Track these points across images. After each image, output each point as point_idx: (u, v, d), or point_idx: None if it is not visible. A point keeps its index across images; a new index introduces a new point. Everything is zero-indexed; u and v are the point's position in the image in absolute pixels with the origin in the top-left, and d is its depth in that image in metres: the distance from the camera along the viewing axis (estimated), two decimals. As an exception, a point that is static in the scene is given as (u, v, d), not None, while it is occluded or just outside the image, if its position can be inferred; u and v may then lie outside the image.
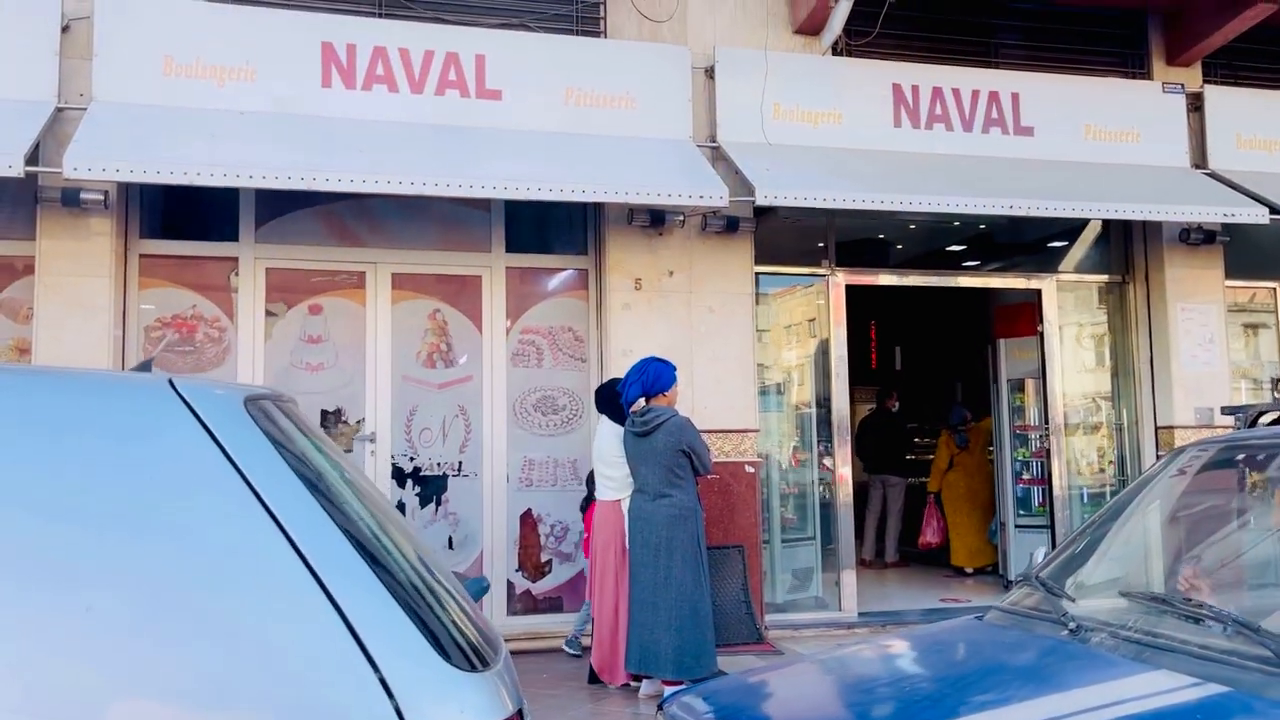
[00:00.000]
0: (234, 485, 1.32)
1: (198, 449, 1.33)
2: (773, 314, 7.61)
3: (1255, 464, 2.87)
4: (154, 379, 1.47)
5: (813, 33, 7.00)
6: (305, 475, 1.43)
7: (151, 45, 5.85)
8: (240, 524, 1.30)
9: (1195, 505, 3.05)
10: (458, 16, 6.56)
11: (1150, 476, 3.08)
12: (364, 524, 1.52)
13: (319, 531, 1.32)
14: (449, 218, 6.72)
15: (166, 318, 6.23)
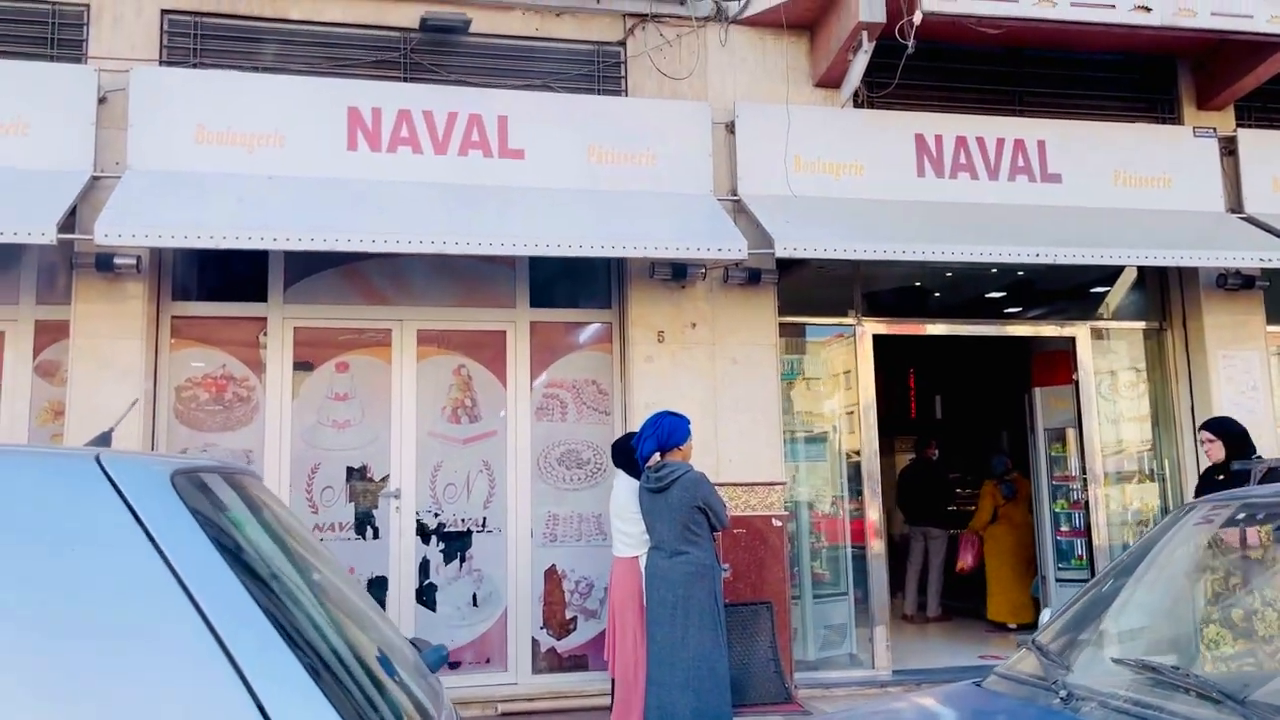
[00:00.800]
0: (152, 561, 1.33)
1: (119, 525, 1.35)
2: (802, 364, 7.56)
3: (1261, 523, 2.77)
4: (82, 455, 1.50)
5: (833, 86, 7.04)
6: (232, 548, 1.44)
7: (184, 114, 6.05)
8: (153, 598, 1.31)
9: (1199, 566, 2.94)
10: (481, 79, 6.70)
11: (1156, 536, 2.99)
12: (294, 598, 1.53)
13: (233, 603, 1.33)
14: (473, 274, 6.81)
15: (197, 377, 6.37)
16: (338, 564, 2.13)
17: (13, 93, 5.86)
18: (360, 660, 1.56)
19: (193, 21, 6.36)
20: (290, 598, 1.52)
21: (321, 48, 6.52)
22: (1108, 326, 7.93)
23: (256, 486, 1.92)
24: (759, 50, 7.10)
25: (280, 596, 1.47)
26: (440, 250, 5.84)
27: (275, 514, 1.93)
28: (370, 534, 6.52)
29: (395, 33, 6.61)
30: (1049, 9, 6.60)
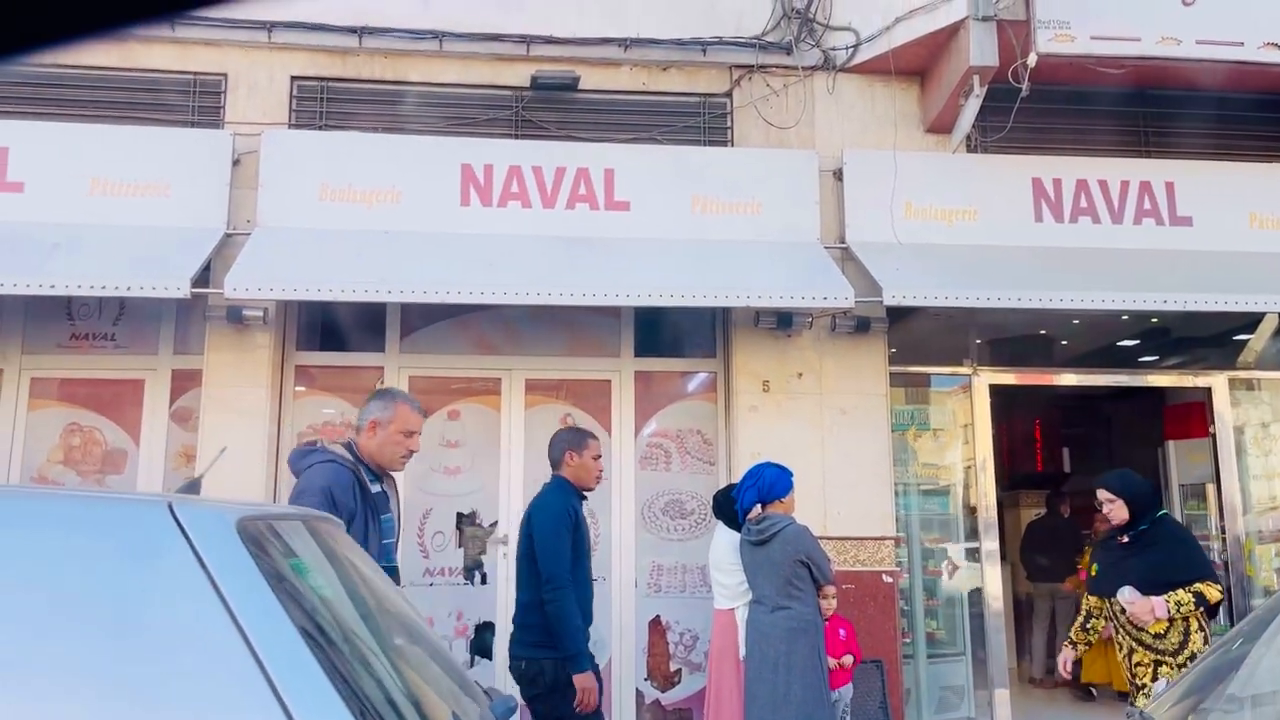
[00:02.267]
0: (215, 607, 1.39)
1: (186, 572, 1.42)
2: (917, 414, 7.36)
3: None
4: (154, 502, 1.58)
5: (944, 131, 6.91)
6: (294, 595, 1.49)
7: (309, 174, 6.38)
8: (213, 645, 1.37)
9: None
10: (589, 133, 6.86)
11: (1261, 614, 2.77)
12: (356, 648, 1.56)
13: (288, 652, 1.37)
14: (579, 324, 6.91)
15: (318, 424, 6.63)
16: (414, 616, 2.17)
17: (156, 156, 6.30)
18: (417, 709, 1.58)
19: (319, 86, 6.72)
20: (352, 648, 1.56)
21: (437, 107, 6.79)
22: (1249, 376, 7.46)
23: (337, 535, 1.98)
24: (867, 97, 7.05)
25: (340, 647, 1.51)
26: (546, 301, 5.97)
27: (352, 563, 1.98)
28: (479, 579, 6.62)
29: (507, 91, 6.83)
30: (1173, 47, 6.35)
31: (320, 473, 3.50)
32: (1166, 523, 4.72)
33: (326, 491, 3.42)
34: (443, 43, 6.70)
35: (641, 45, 6.87)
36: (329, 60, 6.72)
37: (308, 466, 3.57)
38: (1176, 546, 4.59)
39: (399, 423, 3.67)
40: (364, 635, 1.65)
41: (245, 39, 6.58)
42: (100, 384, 6.53)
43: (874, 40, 6.84)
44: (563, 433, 4.68)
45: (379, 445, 3.66)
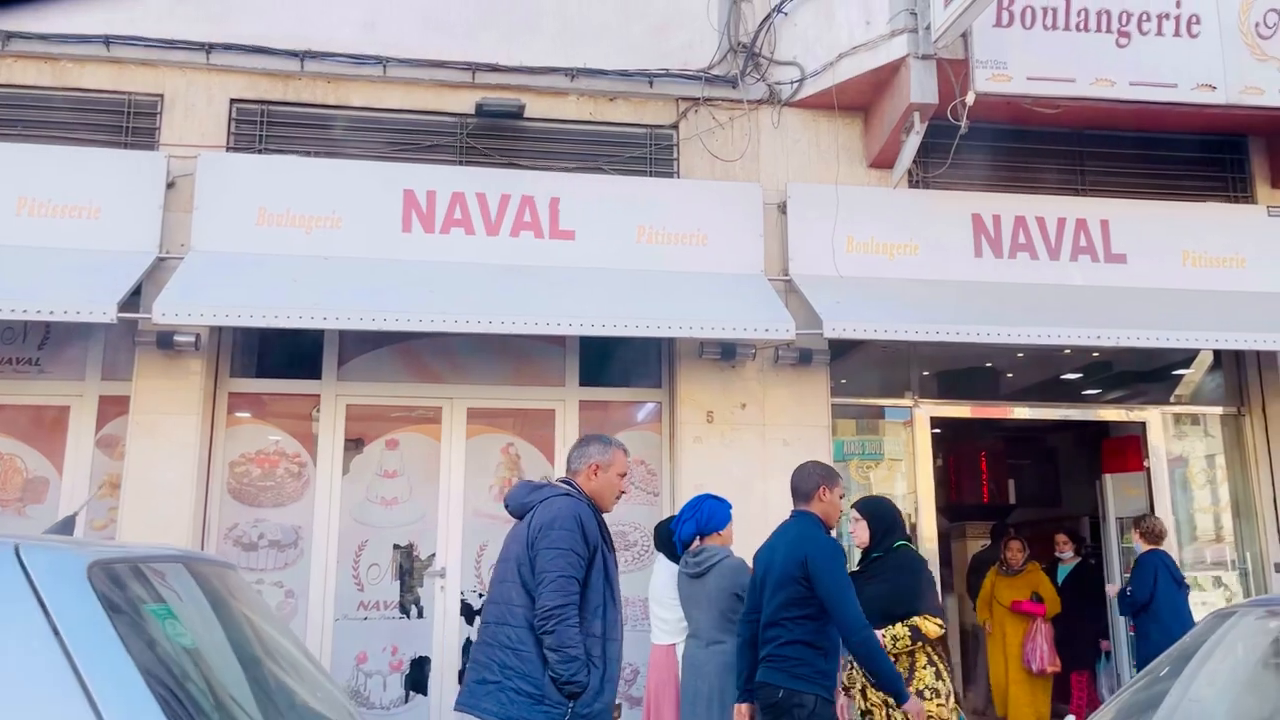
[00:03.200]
0: (54, 652, 1.31)
1: (27, 616, 1.34)
2: (860, 446, 7.37)
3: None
4: (2, 544, 1.50)
5: (887, 166, 6.98)
6: (150, 645, 1.41)
7: (246, 198, 6.27)
8: (49, 690, 1.28)
9: (1237, 677, 2.73)
10: (535, 162, 6.83)
11: (1192, 643, 2.78)
12: (218, 699, 1.48)
13: (130, 700, 1.29)
14: (523, 353, 6.85)
15: (250, 453, 6.47)
16: (307, 662, 2.08)
17: (87, 177, 6.15)
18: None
19: (259, 109, 6.63)
20: (210, 697, 1.48)
21: (380, 133, 6.73)
22: (1182, 411, 7.60)
23: (227, 578, 1.90)
24: (812, 131, 7.11)
25: (196, 696, 1.43)
26: (488, 329, 5.90)
27: (239, 607, 1.90)
28: (415, 613, 6.48)
29: (452, 118, 6.79)
30: (1107, 88, 6.49)
31: (567, 504, 3.54)
32: (900, 554, 4.56)
33: (578, 520, 3.49)
34: (386, 68, 6.65)
35: (588, 75, 6.88)
36: (270, 83, 6.63)
37: (543, 500, 3.60)
38: (902, 578, 4.46)
39: (617, 465, 3.79)
40: (232, 684, 1.57)
41: (183, 60, 6.48)
42: (23, 410, 6.33)
43: (818, 76, 6.91)
44: (816, 466, 4.45)
45: (599, 487, 3.75)
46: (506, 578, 3.52)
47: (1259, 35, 6.64)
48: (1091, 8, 6.54)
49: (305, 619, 6.32)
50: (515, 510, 3.71)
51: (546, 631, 3.32)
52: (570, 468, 3.78)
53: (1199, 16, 6.61)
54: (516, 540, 3.59)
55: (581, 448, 3.80)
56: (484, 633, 3.56)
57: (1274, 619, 2.66)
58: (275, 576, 6.37)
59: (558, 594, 3.34)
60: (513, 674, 3.36)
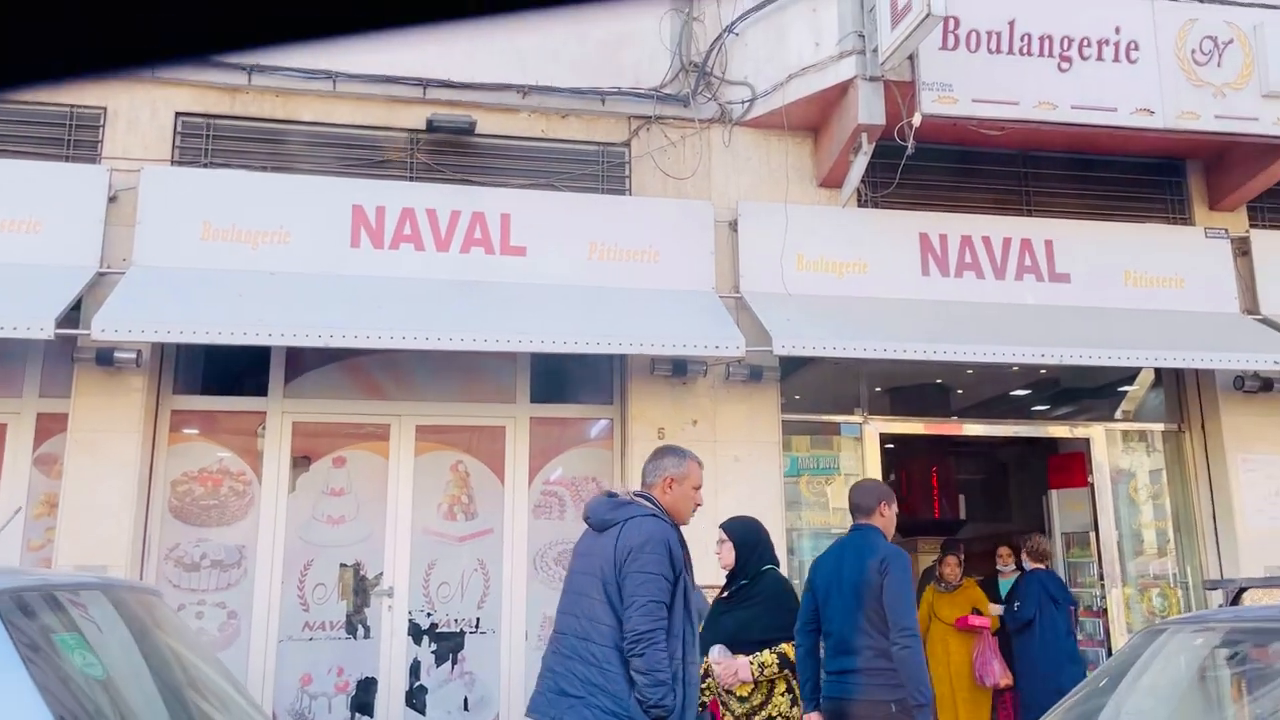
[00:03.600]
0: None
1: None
2: (811, 462, 7.41)
3: (1226, 648, 2.61)
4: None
5: (836, 186, 7.06)
6: (56, 673, 1.37)
7: (191, 212, 6.18)
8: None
9: (1168, 692, 2.77)
10: (486, 178, 6.81)
11: (1129, 658, 2.82)
12: None
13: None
14: (474, 370, 6.80)
15: (193, 472, 6.36)
16: (231, 691, 2.04)
17: (27, 191, 6.03)
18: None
19: (205, 123, 6.55)
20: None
21: (330, 148, 6.68)
22: (1124, 428, 7.74)
23: (151, 605, 1.85)
24: (763, 150, 7.17)
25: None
26: (437, 346, 5.86)
27: (162, 635, 1.86)
28: (361, 633, 6.39)
29: (403, 133, 6.76)
30: (1049, 111, 6.62)
31: (656, 527, 3.52)
32: (767, 578, 4.44)
33: (667, 545, 3.46)
34: (336, 83, 6.60)
35: (541, 92, 6.88)
36: (217, 97, 6.56)
37: (629, 518, 3.55)
38: (767, 604, 4.36)
39: (692, 478, 3.73)
40: (147, 715, 1.53)
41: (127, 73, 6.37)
42: (-43, 427, 6.17)
43: (769, 96, 6.98)
44: (874, 484, 4.74)
45: (674, 500, 3.68)
46: (589, 592, 3.51)
47: (1195, 62, 6.82)
48: (1034, 33, 6.68)
49: (248, 640, 6.21)
50: (597, 524, 3.67)
51: (636, 654, 3.34)
52: (645, 481, 3.75)
53: (1137, 43, 6.78)
54: (599, 556, 3.55)
55: (656, 461, 3.76)
56: (561, 643, 3.56)
57: (1201, 635, 2.71)
58: (218, 597, 6.26)
59: (648, 619, 3.36)
60: (598, 691, 3.37)
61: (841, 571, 4.26)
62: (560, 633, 3.59)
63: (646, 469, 3.77)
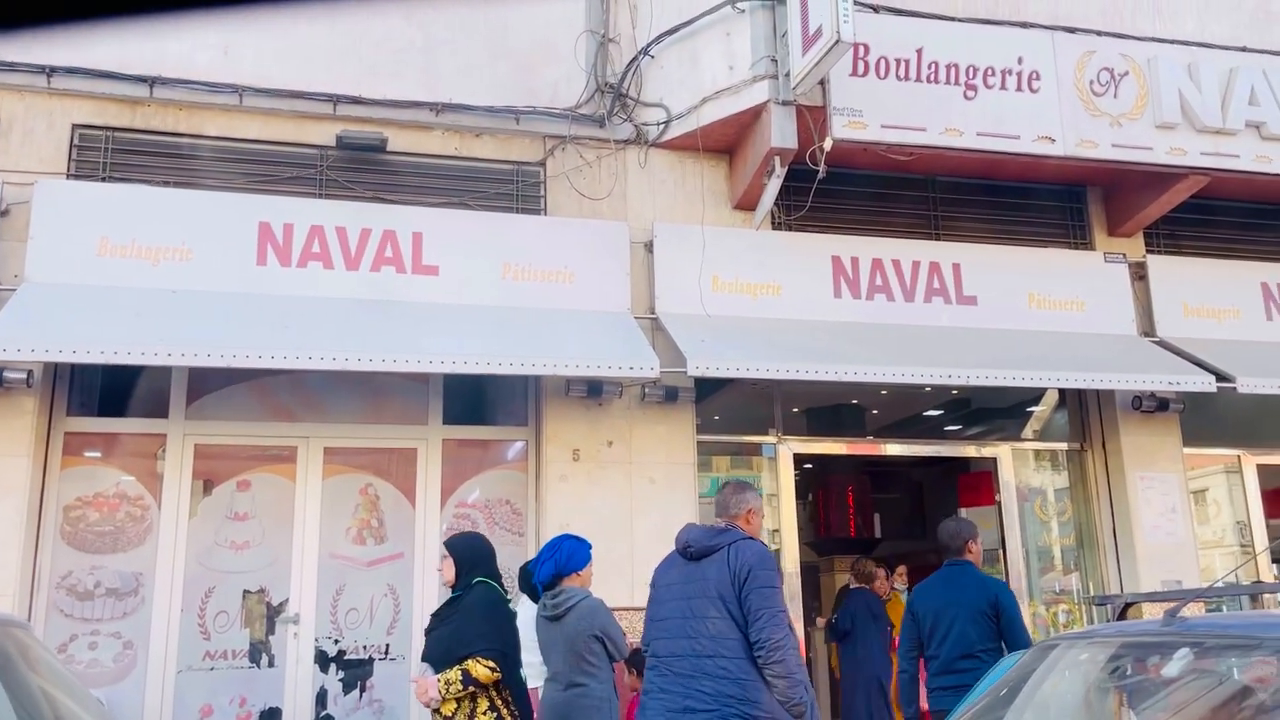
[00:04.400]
0: None
1: None
2: (719, 484, 7.42)
3: (1110, 663, 2.66)
4: None
5: (751, 208, 7.13)
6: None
7: (87, 227, 5.98)
8: None
9: (1061, 707, 2.82)
10: (398, 196, 6.72)
11: (1019, 674, 2.87)
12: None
13: None
14: (384, 391, 6.69)
15: (88, 496, 6.12)
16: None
17: (-91, 204, 5.76)
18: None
19: (104, 136, 6.35)
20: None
21: (236, 163, 6.52)
22: (1030, 447, 7.93)
23: (19, 638, 1.75)
24: (678, 173, 7.21)
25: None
26: (345, 367, 5.75)
27: (27, 668, 1.76)
28: (265, 662, 6.20)
29: (312, 150, 6.64)
30: (955, 138, 6.79)
31: (760, 547, 3.86)
32: (475, 591, 4.38)
33: (773, 561, 3.88)
34: (243, 97, 6.46)
35: (454, 110, 6.83)
36: (117, 109, 6.36)
37: (731, 543, 3.84)
38: (469, 618, 4.28)
39: (761, 510, 4.15)
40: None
41: (22, 83, 6.16)
42: None
43: (684, 118, 7.02)
44: (960, 524, 5.34)
45: (755, 529, 4.05)
46: (706, 614, 3.76)
47: (1093, 92, 7.06)
48: (942, 61, 6.85)
49: (145, 671, 5.98)
50: (698, 552, 3.91)
51: (774, 661, 3.59)
52: (728, 512, 4.03)
53: (1039, 73, 7.00)
54: (709, 580, 3.81)
55: (738, 494, 4.09)
56: (675, 665, 3.78)
57: (1087, 650, 2.76)
58: (113, 627, 6.01)
59: (779, 627, 3.64)
60: (733, 701, 3.60)
61: (948, 602, 4.96)
62: (674, 655, 3.80)
63: (729, 501, 4.08)
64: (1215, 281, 7.77)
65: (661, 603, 3.99)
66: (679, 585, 3.92)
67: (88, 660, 5.93)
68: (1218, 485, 8.27)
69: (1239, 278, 7.84)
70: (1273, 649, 2.33)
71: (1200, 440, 7.82)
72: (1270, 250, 8.15)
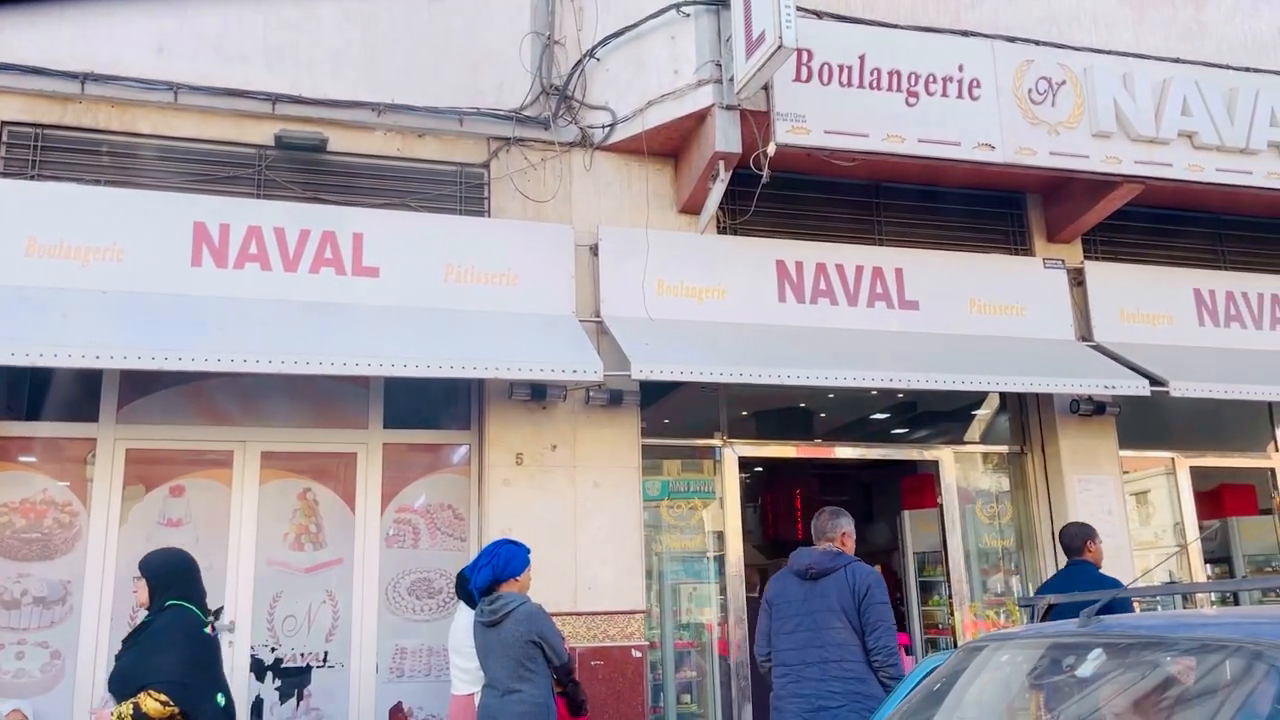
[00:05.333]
0: None
1: None
2: (672, 486, 7.43)
3: (1030, 664, 2.69)
4: None
5: (696, 212, 7.14)
6: None
7: (13, 226, 5.82)
8: None
9: (986, 708, 2.85)
10: (339, 197, 6.63)
11: (946, 675, 2.89)
12: None
13: None
14: (324, 395, 6.59)
15: (14, 503, 5.96)
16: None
17: None
18: None
19: (34, 133, 6.19)
20: None
21: (172, 162, 6.39)
22: (971, 450, 8.02)
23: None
24: (624, 176, 7.19)
25: None
26: (282, 369, 5.65)
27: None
28: (199, 671, 6.06)
29: (250, 149, 6.52)
30: (897, 144, 6.85)
31: (870, 568, 4.65)
32: (164, 615, 4.01)
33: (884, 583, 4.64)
34: (178, 95, 6.33)
35: (396, 111, 6.75)
36: (47, 106, 6.21)
37: (846, 564, 4.63)
38: (150, 646, 3.92)
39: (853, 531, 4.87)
40: None
41: (-54, 77, 5.99)
42: None
43: (629, 121, 7.01)
44: (1079, 527, 5.76)
45: (850, 550, 4.79)
46: (831, 625, 4.49)
47: (1031, 100, 7.17)
48: (884, 68, 6.91)
49: (74, 681, 5.83)
50: (818, 573, 4.63)
51: (889, 664, 4.42)
52: (826, 535, 4.78)
53: (979, 81, 7.09)
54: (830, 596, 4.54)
55: (834, 520, 4.82)
56: (807, 671, 4.50)
57: (1009, 652, 2.79)
58: (39, 636, 5.86)
59: (892, 638, 4.46)
60: (860, 697, 4.37)
61: None
62: (804, 663, 4.52)
63: (825, 527, 4.81)
64: (1150, 287, 7.93)
65: (785, 618, 4.67)
66: (799, 602, 4.63)
67: (14, 670, 5.77)
68: (1159, 487, 8.43)
69: (1173, 284, 8.00)
70: (1183, 649, 2.37)
71: (1138, 443, 7.97)
72: (1202, 257, 8.35)
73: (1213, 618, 3.16)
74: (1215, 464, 8.46)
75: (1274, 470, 8.57)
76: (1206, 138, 7.42)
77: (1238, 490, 8.94)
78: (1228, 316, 8.07)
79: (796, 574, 4.70)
